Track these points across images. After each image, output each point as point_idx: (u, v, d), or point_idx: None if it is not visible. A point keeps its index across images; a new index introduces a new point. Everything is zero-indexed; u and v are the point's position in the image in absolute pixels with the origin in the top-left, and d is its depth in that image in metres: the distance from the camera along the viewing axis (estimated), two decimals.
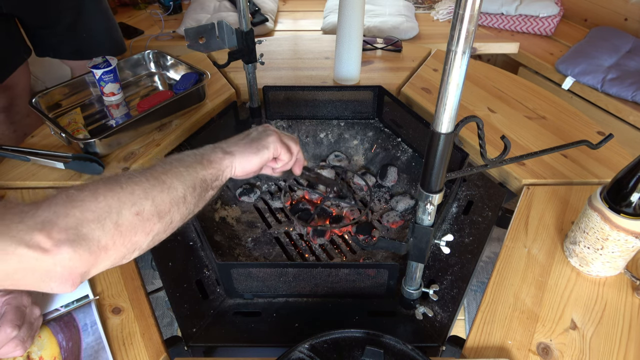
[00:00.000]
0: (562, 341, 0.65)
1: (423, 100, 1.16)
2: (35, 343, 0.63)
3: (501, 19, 2.06)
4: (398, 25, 1.93)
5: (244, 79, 1.09)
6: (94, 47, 1.34)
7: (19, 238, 0.43)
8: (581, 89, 1.75)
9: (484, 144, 0.52)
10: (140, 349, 0.64)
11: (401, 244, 0.61)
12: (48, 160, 0.94)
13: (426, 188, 0.54)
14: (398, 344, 0.59)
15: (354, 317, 0.72)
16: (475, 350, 0.64)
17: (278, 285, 0.72)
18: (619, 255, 0.69)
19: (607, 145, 0.95)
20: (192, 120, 1.08)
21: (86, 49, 1.33)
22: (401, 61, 1.37)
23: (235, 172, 0.65)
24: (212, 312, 0.72)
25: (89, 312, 0.68)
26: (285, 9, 2.38)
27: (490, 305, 0.70)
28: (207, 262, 0.80)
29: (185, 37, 0.94)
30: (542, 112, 1.12)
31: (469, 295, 1.43)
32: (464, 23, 0.42)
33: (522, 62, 1.97)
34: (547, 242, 0.80)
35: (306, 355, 0.58)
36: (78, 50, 1.34)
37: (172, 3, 2.14)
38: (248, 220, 0.94)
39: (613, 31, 1.91)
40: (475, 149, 1.01)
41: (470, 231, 0.85)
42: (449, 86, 0.46)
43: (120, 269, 0.75)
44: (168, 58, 1.21)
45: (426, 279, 0.77)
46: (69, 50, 1.34)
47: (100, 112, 1.11)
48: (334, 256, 0.87)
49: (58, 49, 1.34)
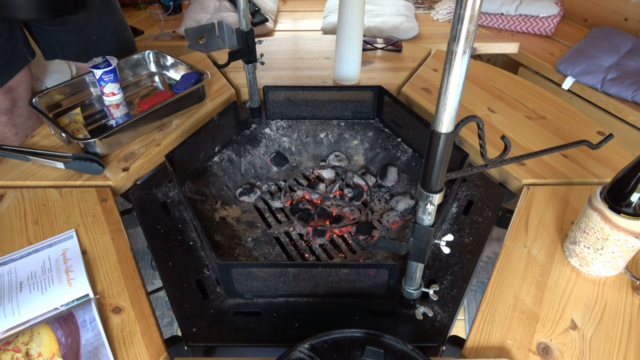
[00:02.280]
0: (562, 341, 0.65)
1: (423, 100, 1.16)
2: (34, 340, 0.63)
3: (501, 19, 2.06)
4: (398, 25, 1.93)
5: (244, 79, 1.09)
6: (104, 47, 1.32)
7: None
8: (581, 89, 1.75)
9: (484, 144, 0.52)
10: (141, 349, 0.64)
11: (401, 244, 0.61)
12: (48, 160, 0.94)
13: (426, 188, 0.54)
14: (398, 344, 0.59)
15: (354, 317, 0.72)
16: (475, 350, 0.65)
17: (278, 285, 0.72)
18: (619, 255, 0.69)
19: (607, 145, 0.95)
20: (192, 120, 1.08)
21: (95, 49, 1.30)
22: (401, 61, 1.37)
23: None
24: (212, 312, 0.72)
25: (88, 309, 0.68)
26: (285, 9, 2.38)
27: (490, 305, 0.70)
28: (207, 262, 0.80)
29: (185, 37, 0.94)
30: (542, 112, 1.12)
31: (469, 295, 1.43)
32: (464, 23, 0.42)
33: (522, 62, 1.97)
34: (547, 242, 0.80)
35: (306, 355, 0.58)
36: (87, 51, 1.32)
37: (172, 3, 2.14)
38: (248, 220, 0.94)
39: (613, 31, 1.91)
40: (475, 149, 1.01)
41: (470, 231, 0.85)
42: (449, 86, 0.46)
43: (121, 269, 0.75)
44: (168, 58, 1.21)
45: (426, 279, 0.77)
46: (78, 50, 1.33)
47: (100, 112, 1.11)
48: (334, 256, 0.87)
49: (67, 50, 1.33)
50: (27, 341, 0.63)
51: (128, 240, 0.80)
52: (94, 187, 0.90)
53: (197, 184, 0.96)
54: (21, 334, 0.64)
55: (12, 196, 0.88)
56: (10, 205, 0.87)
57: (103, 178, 0.92)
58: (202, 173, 0.99)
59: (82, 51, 1.32)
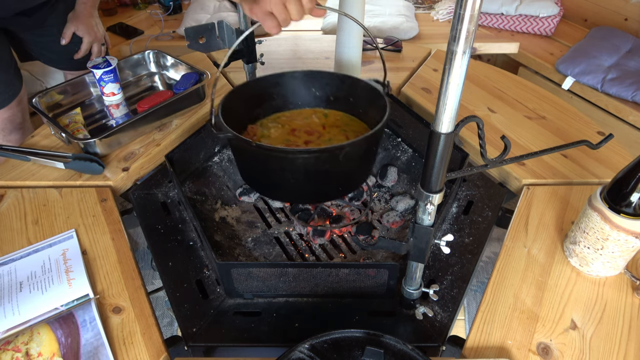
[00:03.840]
0: (562, 341, 0.65)
1: (423, 100, 1.16)
2: (34, 339, 0.63)
3: (501, 19, 2.06)
4: (398, 25, 1.93)
5: (244, 79, 1.09)
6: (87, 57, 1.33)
7: None
8: (581, 89, 1.75)
9: (484, 144, 0.52)
10: (141, 349, 0.64)
11: (401, 244, 0.61)
12: (48, 160, 0.94)
13: (426, 188, 0.54)
14: (398, 344, 0.59)
15: (354, 317, 0.72)
16: (475, 350, 0.65)
17: (278, 285, 0.72)
18: (619, 255, 0.69)
19: (607, 145, 0.95)
20: (192, 120, 1.08)
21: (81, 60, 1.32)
22: (401, 61, 1.37)
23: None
24: (212, 312, 0.72)
25: (88, 309, 0.68)
26: None
27: (490, 305, 0.70)
28: (207, 262, 0.80)
29: (185, 37, 0.94)
30: (542, 112, 1.12)
31: (469, 295, 1.43)
32: (464, 23, 0.42)
33: (522, 62, 1.97)
34: (547, 242, 0.80)
35: (306, 355, 0.58)
36: (60, 59, 1.35)
37: (172, 3, 2.14)
38: (248, 220, 0.94)
39: (613, 31, 1.91)
40: (475, 149, 1.01)
41: (470, 231, 0.85)
42: (449, 86, 0.46)
43: (121, 269, 0.75)
44: (168, 58, 1.21)
45: (426, 279, 0.77)
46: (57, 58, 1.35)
47: (100, 112, 1.11)
48: (334, 256, 0.87)
49: (44, 56, 1.35)
50: (27, 341, 0.63)
51: (128, 241, 0.80)
52: (94, 187, 0.90)
53: (197, 184, 0.96)
54: (21, 333, 0.64)
55: (12, 196, 0.88)
56: (10, 205, 0.87)
57: (103, 178, 0.92)
58: (202, 173, 0.99)
59: (55, 59, 1.35)
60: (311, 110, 0.98)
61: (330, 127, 0.93)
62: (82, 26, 1.27)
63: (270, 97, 0.95)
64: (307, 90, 0.97)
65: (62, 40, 1.27)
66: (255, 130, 0.91)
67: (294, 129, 0.92)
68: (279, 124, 0.93)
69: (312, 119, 0.95)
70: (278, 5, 0.66)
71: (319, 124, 0.94)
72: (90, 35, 1.29)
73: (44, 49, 1.32)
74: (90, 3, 1.28)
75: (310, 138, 0.89)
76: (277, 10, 0.67)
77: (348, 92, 0.94)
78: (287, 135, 0.90)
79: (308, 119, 0.95)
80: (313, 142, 0.88)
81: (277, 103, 0.96)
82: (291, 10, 0.67)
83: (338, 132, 0.91)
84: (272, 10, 0.67)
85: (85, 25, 1.28)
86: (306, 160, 0.73)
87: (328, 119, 0.95)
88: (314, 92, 0.97)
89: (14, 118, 1.22)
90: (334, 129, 0.92)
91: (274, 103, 0.96)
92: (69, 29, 1.26)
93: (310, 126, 0.93)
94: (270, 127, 0.92)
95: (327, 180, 0.78)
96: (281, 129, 0.92)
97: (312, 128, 0.92)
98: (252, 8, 0.68)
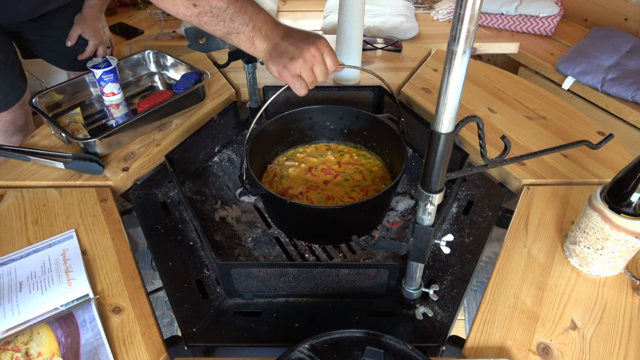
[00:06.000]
0: (562, 341, 0.65)
1: (423, 100, 1.16)
2: (34, 339, 0.63)
3: (501, 19, 2.06)
4: (398, 25, 1.93)
5: (244, 79, 1.09)
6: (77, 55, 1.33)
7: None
8: (581, 89, 1.75)
9: (484, 144, 0.52)
10: (141, 349, 0.64)
11: (401, 244, 0.61)
12: (48, 160, 0.94)
13: (426, 188, 0.54)
14: (398, 344, 0.59)
15: (354, 317, 0.72)
16: (475, 350, 0.64)
17: (278, 285, 0.72)
18: (619, 255, 0.69)
19: (607, 145, 0.95)
20: (192, 120, 1.08)
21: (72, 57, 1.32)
22: (401, 61, 1.37)
23: (249, 50, 0.74)
24: (212, 312, 0.72)
25: (88, 309, 0.68)
26: (285, 9, 2.38)
27: (490, 305, 0.70)
28: (207, 262, 0.80)
29: (185, 37, 0.94)
30: (542, 112, 1.12)
31: (469, 295, 1.43)
32: (464, 23, 0.42)
33: (522, 62, 1.97)
34: (547, 242, 0.80)
35: (306, 355, 0.58)
36: (61, 58, 1.35)
37: None
38: (248, 220, 0.94)
39: (613, 31, 1.91)
40: (475, 149, 1.01)
41: (470, 231, 0.85)
42: (449, 86, 0.46)
43: (121, 269, 0.75)
44: (168, 58, 1.21)
45: (426, 279, 0.77)
46: (58, 57, 1.35)
47: (100, 112, 1.11)
48: (334, 256, 0.87)
49: (54, 58, 1.35)
50: (27, 341, 0.63)
51: (128, 241, 0.80)
52: (94, 187, 0.90)
53: (197, 184, 0.96)
54: (21, 333, 0.64)
55: (12, 196, 0.88)
56: (10, 205, 0.87)
57: (103, 178, 0.92)
58: (202, 173, 0.99)
59: (58, 59, 1.36)
60: (325, 146, 1.02)
61: (345, 165, 0.97)
62: (88, 29, 1.28)
63: (287, 134, 0.99)
64: (322, 125, 1.01)
65: (67, 42, 1.27)
66: (275, 170, 0.95)
67: (311, 167, 0.96)
68: (296, 162, 0.97)
69: (327, 156, 0.99)
70: (307, 70, 0.72)
71: (334, 161, 0.98)
72: (96, 38, 1.30)
73: (48, 48, 1.32)
74: (98, 7, 1.29)
75: (327, 177, 0.93)
76: (306, 75, 0.73)
77: (362, 127, 0.99)
78: (306, 175, 0.94)
79: (323, 156, 0.99)
80: (331, 182, 0.93)
81: (293, 138, 1.00)
82: (317, 73, 0.73)
83: (353, 171, 0.95)
84: (300, 74, 0.73)
85: (92, 29, 1.29)
86: (335, 212, 0.81)
87: (343, 157, 0.99)
88: (329, 125, 1.01)
89: (16, 120, 1.23)
90: (349, 167, 0.96)
91: (290, 139, 1.00)
92: (75, 31, 1.27)
93: (326, 163, 0.97)
94: (287, 166, 0.96)
95: (351, 225, 0.84)
96: (298, 169, 0.95)
97: (328, 166, 0.96)
98: (282, 72, 0.73)
